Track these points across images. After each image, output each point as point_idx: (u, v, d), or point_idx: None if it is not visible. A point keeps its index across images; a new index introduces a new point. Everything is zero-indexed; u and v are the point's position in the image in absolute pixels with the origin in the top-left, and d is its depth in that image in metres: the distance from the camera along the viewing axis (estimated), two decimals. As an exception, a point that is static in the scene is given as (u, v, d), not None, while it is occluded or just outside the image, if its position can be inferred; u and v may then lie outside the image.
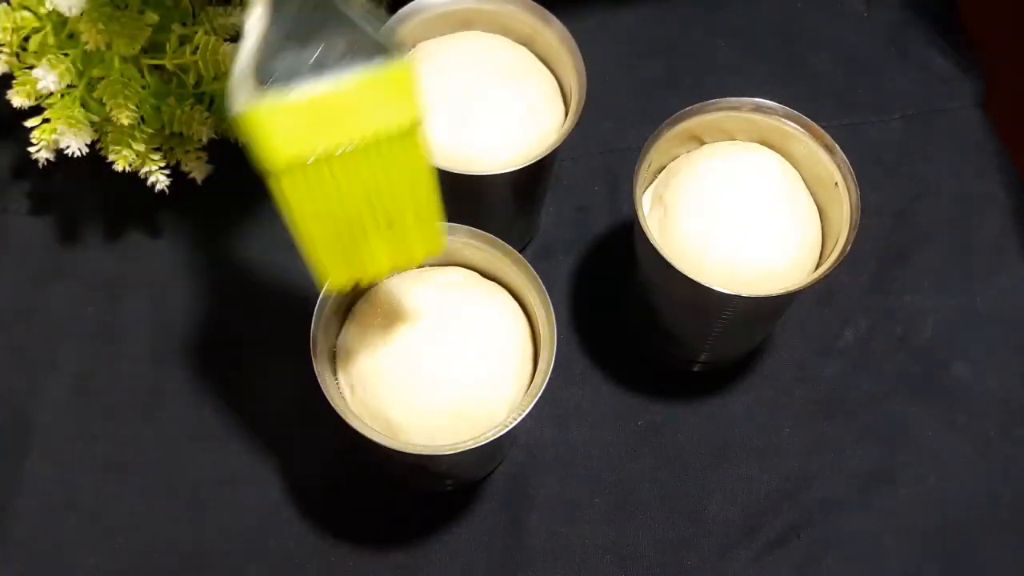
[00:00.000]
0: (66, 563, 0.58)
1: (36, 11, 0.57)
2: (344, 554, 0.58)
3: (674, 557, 0.59)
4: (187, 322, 0.63)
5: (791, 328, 0.64)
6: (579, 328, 0.64)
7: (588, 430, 0.61)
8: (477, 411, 0.51)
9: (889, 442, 0.61)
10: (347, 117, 0.43)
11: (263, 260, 0.65)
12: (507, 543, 0.59)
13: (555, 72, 0.60)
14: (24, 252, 0.65)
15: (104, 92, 0.56)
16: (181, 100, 0.59)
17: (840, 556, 0.59)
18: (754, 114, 0.57)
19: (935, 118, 0.70)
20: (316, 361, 0.51)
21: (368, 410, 0.52)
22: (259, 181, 0.68)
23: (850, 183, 0.55)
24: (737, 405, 0.62)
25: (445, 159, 0.56)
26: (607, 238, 0.66)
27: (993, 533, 0.59)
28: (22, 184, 0.67)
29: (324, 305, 0.52)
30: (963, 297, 0.65)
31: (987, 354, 0.64)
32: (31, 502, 0.59)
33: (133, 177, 0.61)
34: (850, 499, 0.60)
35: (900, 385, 0.63)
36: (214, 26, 0.58)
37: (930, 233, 0.67)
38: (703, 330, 0.58)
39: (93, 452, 0.60)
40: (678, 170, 0.58)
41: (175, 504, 0.59)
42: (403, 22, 0.59)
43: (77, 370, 0.62)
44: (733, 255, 0.55)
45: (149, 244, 0.66)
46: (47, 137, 0.57)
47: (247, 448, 0.60)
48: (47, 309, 0.64)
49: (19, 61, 0.59)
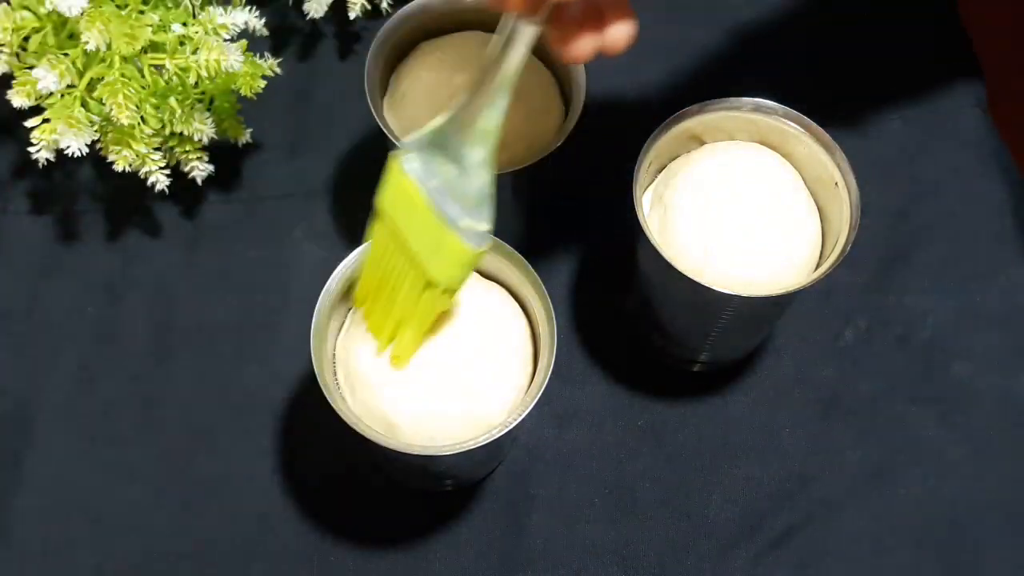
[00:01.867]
0: (66, 563, 0.58)
1: (36, 11, 0.57)
2: (344, 554, 0.58)
3: (674, 557, 0.59)
4: (187, 322, 0.63)
5: (791, 328, 0.64)
6: (579, 328, 0.64)
7: (588, 430, 0.61)
8: (477, 411, 0.51)
9: (889, 442, 0.61)
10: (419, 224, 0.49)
11: (263, 260, 0.65)
12: (507, 543, 0.59)
13: (555, 72, 0.60)
14: (24, 252, 0.65)
15: (104, 92, 0.56)
16: (181, 100, 0.59)
17: (840, 556, 0.59)
18: (754, 114, 0.57)
19: (935, 118, 0.70)
20: (316, 361, 0.51)
21: (368, 410, 0.52)
22: (259, 181, 0.68)
23: (850, 183, 0.55)
24: (737, 405, 0.62)
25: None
26: (607, 238, 0.66)
27: (993, 533, 0.59)
28: (22, 184, 0.67)
29: (324, 305, 0.52)
30: (963, 297, 0.65)
31: (987, 354, 0.64)
32: (31, 502, 0.59)
33: (133, 177, 0.61)
34: (850, 499, 0.60)
35: (900, 385, 0.63)
36: (214, 26, 0.58)
37: (930, 233, 0.67)
38: (703, 330, 0.58)
39: (93, 452, 0.60)
40: (678, 170, 0.58)
41: (175, 504, 0.59)
42: (403, 22, 0.59)
43: (77, 370, 0.62)
44: (733, 255, 0.55)
45: (149, 244, 0.66)
46: (47, 137, 0.57)
47: (247, 448, 0.60)
48: (47, 309, 0.64)
49: (19, 61, 0.59)
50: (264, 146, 0.68)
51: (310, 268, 0.64)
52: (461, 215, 0.48)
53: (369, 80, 0.57)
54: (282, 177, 0.68)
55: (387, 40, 0.58)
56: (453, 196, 0.48)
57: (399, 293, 0.50)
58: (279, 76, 0.61)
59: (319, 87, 0.70)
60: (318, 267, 0.58)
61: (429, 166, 0.48)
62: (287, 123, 0.69)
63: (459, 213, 0.48)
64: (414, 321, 0.51)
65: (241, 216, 0.67)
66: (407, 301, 0.50)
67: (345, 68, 0.71)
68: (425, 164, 0.48)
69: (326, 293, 0.52)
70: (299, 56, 0.71)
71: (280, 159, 0.68)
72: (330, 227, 0.66)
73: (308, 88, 0.70)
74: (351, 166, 0.68)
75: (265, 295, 0.64)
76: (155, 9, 0.58)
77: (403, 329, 0.51)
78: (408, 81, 0.59)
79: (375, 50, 0.58)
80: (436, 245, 0.48)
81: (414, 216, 0.49)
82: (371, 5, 0.68)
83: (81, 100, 0.57)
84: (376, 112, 0.56)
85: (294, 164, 0.68)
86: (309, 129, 0.69)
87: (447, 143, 0.47)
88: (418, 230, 0.49)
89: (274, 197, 0.67)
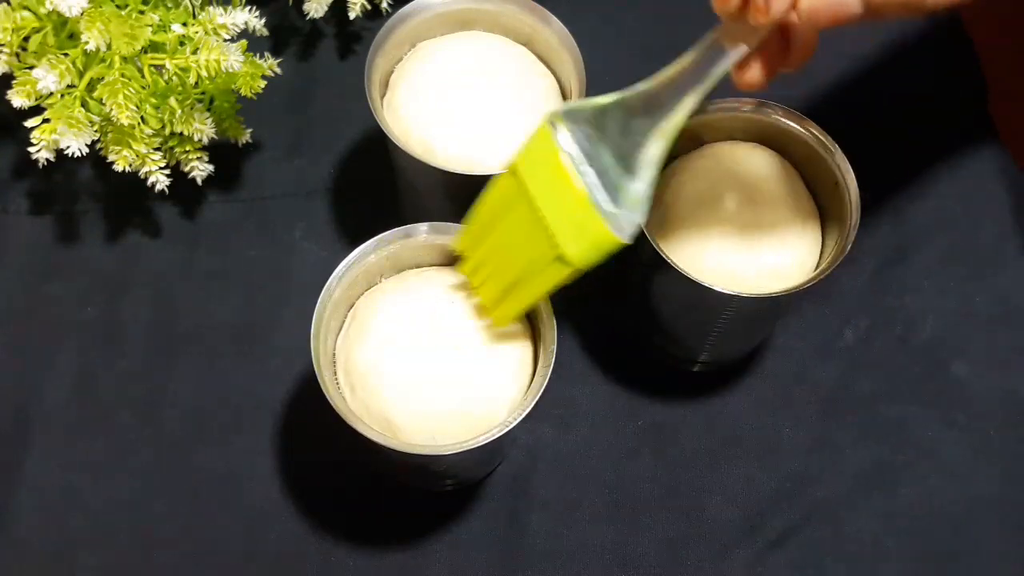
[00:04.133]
0: (66, 563, 0.58)
1: (36, 11, 0.57)
2: (344, 554, 0.58)
3: (674, 557, 0.59)
4: (187, 322, 0.64)
5: (791, 328, 0.64)
6: (579, 328, 0.64)
7: (588, 430, 0.61)
8: (477, 411, 0.51)
9: (889, 442, 0.61)
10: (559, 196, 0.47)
11: (263, 260, 0.65)
12: (507, 543, 0.59)
13: (555, 72, 0.60)
14: (24, 252, 0.65)
15: (104, 92, 0.56)
16: (181, 100, 0.59)
17: (840, 556, 0.59)
18: (754, 114, 0.57)
19: (935, 118, 0.70)
20: (316, 361, 0.51)
21: (368, 410, 0.52)
22: (259, 181, 0.68)
23: (850, 183, 0.55)
24: (737, 405, 0.62)
25: (445, 159, 0.56)
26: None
27: (993, 533, 0.59)
28: (22, 184, 0.67)
29: (325, 304, 0.52)
30: (963, 297, 0.65)
31: (987, 354, 0.64)
32: (31, 502, 0.59)
33: (133, 177, 0.61)
34: (850, 499, 0.60)
35: (900, 385, 0.63)
36: (214, 26, 0.58)
37: (930, 232, 0.67)
38: (703, 330, 0.58)
39: (93, 452, 0.60)
40: (678, 170, 0.58)
41: (175, 504, 0.59)
42: (403, 22, 0.59)
43: (77, 370, 0.62)
44: (733, 255, 0.55)
45: (149, 244, 0.66)
46: (47, 137, 0.57)
47: (247, 448, 0.60)
48: (47, 309, 0.64)
49: (19, 61, 0.59)
50: (264, 146, 0.68)
51: (310, 268, 0.64)
52: (609, 202, 0.47)
53: (369, 80, 0.57)
54: (282, 177, 0.68)
55: (387, 40, 0.58)
56: (606, 183, 0.47)
57: (520, 258, 0.49)
58: (279, 76, 0.61)
59: (319, 87, 0.70)
60: (318, 267, 0.58)
61: (585, 145, 0.47)
62: (287, 123, 0.69)
63: (607, 199, 0.47)
64: (530, 289, 0.49)
65: (241, 216, 0.67)
66: (531, 269, 0.49)
67: (345, 68, 0.71)
68: (579, 140, 0.47)
69: (326, 293, 0.52)
70: (299, 56, 0.71)
71: (280, 159, 0.68)
72: (330, 227, 0.66)
73: (308, 88, 0.70)
74: (351, 166, 0.68)
75: (265, 295, 0.64)
76: (155, 9, 0.58)
77: (516, 294, 0.50)
78: (408, 81, 0.59)
79: (375, 50, 0.58)
80: (579, 225, 0.47)
81: (556, 188, 0.47)
82: (371, 5, 0.68)
83: (81, 100, 0.57)
84: (376, 112, 0.56)
85: (294, 164, 0.68)
86: (309, 129, 0.69)
87: (608, 126, 0.46)
88: (558, 203, 0.47)
89: (274, 197, 0.67)
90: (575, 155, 0.47)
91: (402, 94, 0.59)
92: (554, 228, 0.48)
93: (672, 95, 0.46)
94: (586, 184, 0.47)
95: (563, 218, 0.48)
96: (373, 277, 0.55)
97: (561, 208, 0.48)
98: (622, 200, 0.47)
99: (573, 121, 0.47)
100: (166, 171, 0.60)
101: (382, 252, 0.54)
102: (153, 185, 0.60)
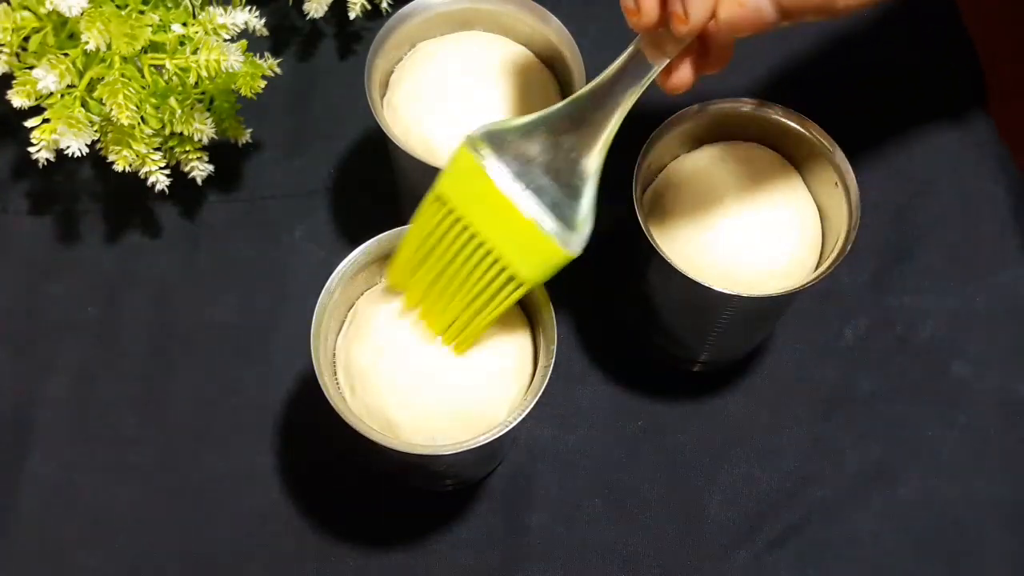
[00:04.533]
0: (66, 563, 0.58)
1: (36, 11, 0.57)
2: (344, 554, 0.58)
3: (674, 557, 0.59)
4: (187, 322, 0.63)
5: (791, 328, 0.64)
6: (579, 328, 0.64)
7: (588, 430, 0.61)
8: (477, 411, 0.51)
9: (889, 442, 0.61)
10: (497, 219, 0.47)
11: (263, 260, 0.65)
12: (507, 543, 0.59)
13: (555, 72, 0.60)
14: (24, 252, 0.65)
15: (104, 92, 0.56)
16: (181, 100, 0.59)
17: (840, 556, 0.59)
18: (754, 114, 0.57)
19: (935, 118, 0.70)
20: (316, 361, 0.51)
21: (368, 410, 0.52)
22: (259, 181, 0.68)
23: (850, 183, 0.55)
24: (737, 405, 0.62)
25: (444, 159, 0.56)
26: (607, 238, 0.66)
27: (993, 533, 0.59)
28: (22, 184, 0.67)
29: (325, 304, 0.52)
30: (963, 297, 0.65)
31: (987, 354, 0.64)
32: (31, 502, 0.59)
33: (133, 177, 0.61)
34: (850, 499, 0.60)
35: (900, 385, 0.63)
36: (214, 26, 0.58)
37: (930, 232, 0.67)
38: (703, 330, 0.58)
39: (93, 452, 0.60)
40: (678, 170, 0.58)
41: (175, 504, 0.59)
42: (403, 22, 0.59)
43: (77, 370, 0.62)
44: (733, 255, 0.55)
45: (149, 244, 0.66)
46: (47, 137, 0.57)
47: (247, 448, 0.60)
48: (47, 309, 0.64)
49: (19, 61, 0.59)
50: (264, 146, 0.68)
51: (310, 268, 0.64)
52: (552, 220, 0.47)
53: (369, 80, 0.57)
54: (282, 177, 0.68)
55: (387, 40, 0.58)
56: (546, 202, 0.47)
57: (465, 283, 0.49)
58: (279, 76, 0.61)
59: (319, 87, 0.70)
60: (318, 267, 0.58)
61: (514, 166, 0.47)
62: (287, 123, 0.69)
63: (549, 218, 0.47)
64: (485, 312, 0.50)
65: (241, 216, 0.67)
66: (479, 293, 0.49)
67: (345, 68, 0.71)
68: (507, 161, 0.47)
69: (326, 293, 0.52)
70: (299, 56, 0.71)
71: (280, 159, 0.68)
72: (330, 227, 0.66)
73: (308, 88, 0.70)
74: (351, 166, 0.68)
75: (265, 295, 0.64)
76: (155, 9, 0.58)
77: (469, 318, 0.50)
78: (408, 81, 0.59)
79: (375, 50, 0.58)
80: (524, 246, 0.47)
81: (492, 211, 0.47)
82: (371, 5, 0.68)
83: (81, 100, 0.57)
84: (376, 112, 0.56)
85: (294, 164, 0.68)
86: (309, 129, 0.69)
87: (535, 146, 0.47)
88: (497, 225, 0.48)
89: (274, 197, 0.67)
90: (505, 176, 0.48)
91: (402, 94, 0.59)
92: (499, 250, 0.48)
93: (598, 109, 0.46)
94: (523, 205, 0.47)
95: (506, 239, 0.48)
96: (373, 277, 0.55)
97: (501, 230, 0.48)
98: (566, 217, 0.48)
99: (495, 143, 0.47)
100: (166, 171, 0.60)
101: (382, 252, 0.54)
102: (153, 185, 0.60)
